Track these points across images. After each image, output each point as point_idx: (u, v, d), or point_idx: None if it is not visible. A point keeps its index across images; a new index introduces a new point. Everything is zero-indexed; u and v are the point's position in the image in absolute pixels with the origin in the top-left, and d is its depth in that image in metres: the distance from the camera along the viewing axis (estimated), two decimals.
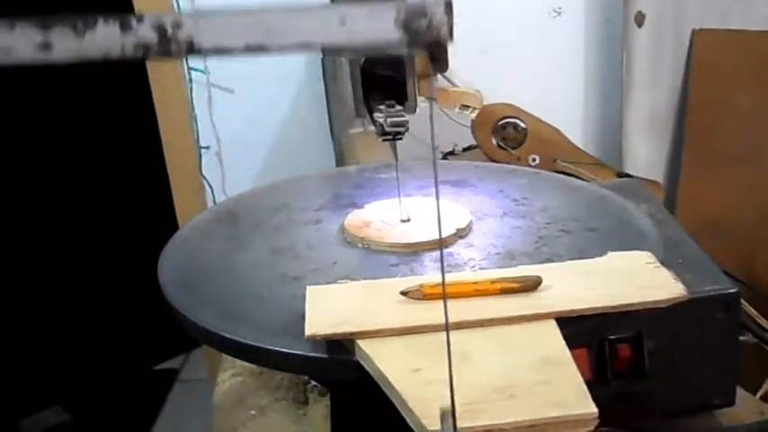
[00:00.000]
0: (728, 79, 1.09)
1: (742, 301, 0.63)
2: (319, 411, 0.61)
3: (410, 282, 0.37)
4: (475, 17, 1.18)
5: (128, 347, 1.59)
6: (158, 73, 1.19)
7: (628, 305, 0.35)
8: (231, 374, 0.69)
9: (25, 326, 1.49)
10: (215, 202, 1.22)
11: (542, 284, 0.36)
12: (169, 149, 1.24)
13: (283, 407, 0.63)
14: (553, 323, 0.33)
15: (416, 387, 0.28)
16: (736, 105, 1.07)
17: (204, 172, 1.25)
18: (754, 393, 0.68)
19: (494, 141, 0.89)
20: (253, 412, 0.63)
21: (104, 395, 1.53)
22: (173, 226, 1.15)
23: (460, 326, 0.32)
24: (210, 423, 0.62)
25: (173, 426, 1.46)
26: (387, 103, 0.48)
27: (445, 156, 0.97)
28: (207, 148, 1.24)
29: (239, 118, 1.21)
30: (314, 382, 0.60)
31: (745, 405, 0.57)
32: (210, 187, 1.26)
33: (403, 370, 0.29)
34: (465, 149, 0.96)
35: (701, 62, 1.11)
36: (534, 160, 0.88)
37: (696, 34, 1.11)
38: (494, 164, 0.81)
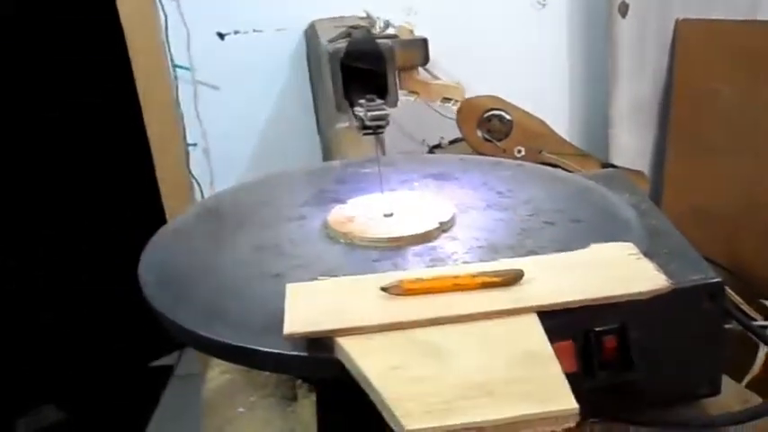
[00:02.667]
0: (712, 68, 1.09)
1: (727, 289, 0.63)
2: (307, 408, 0.61)
3: (390, 277, 0.37)
4: (459, 10, 1.17)
5: (122, 345, 1.58)
6: (143, 71, 1.17)
7: (610, 297, 0.35)
8: (219, 372, 0.68)
9: (19, 324, 1.48)
10: (203, 198, 1.21)
11: (524, 278, 0.36)
12: (156, 147, 1.23)
13: (272, 403, 0.63)
14: (534, 317, 0.33)
15: (395, 385, 0.28)
16: (720, 94, 1.07)
17: (192, 169, 1.24)
18: (740, 381, 0.68)
19: (479, 134, 0.89)
20: (241, 409, 0.63)
21: (100, 393, 1.53)
22: (161, 223, 1.13)
23: (439, 321, 0.32)
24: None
25: (169, 421, 1.46)
26: (367, 96, 0.48)
27: (432, 149, 0.97)
28: (194, 145, 1.23)
29: (226, 114, 1.20)
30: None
31: (731, 393, 0.57)
32: (198, 184, 1.25)
33: (382, 367, 0.29)
34: (451, 142, 0.96)
35: (685, 52, 1.11)
36: (520, 152, 0.88)
37: (679, 24, 1.12)
38: (478, 156, 0.81)
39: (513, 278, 0.35)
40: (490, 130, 0.88)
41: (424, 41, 0.78)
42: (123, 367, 1.56)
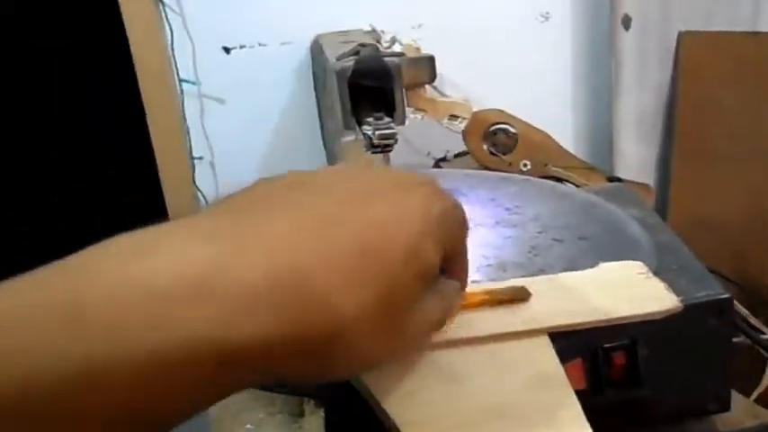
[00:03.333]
0: (715, 79, 1.09)
1: (735, 302, 0.63)
2: (315, 423, 0.61)
3: None
4: (463, 23, 1.18)
5: None
6: (149, 85, 1.18)
7: (621, 318, 0.35)
8: None
9: None
10: None
11: (533, 298, 0.36)
12: (162, 161, 1.24)
13: (279, 420, 0.63)
14: (546, 339, 0.33)
15: (408, 408, 0.28)
16: (723, 104, 1.07)
17: (198, 182, 1.25)
18: (748, 395, 0.68)
19: (485, 148, 0.89)
20: (249, 426, 0.63)
21: None
22: None
23: (448, 344, 0.32)
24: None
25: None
26: (375, 115, 0.48)
27: (437, 162, 0.97)
28: (200, 158, 1.23)
29: (231, 128, 1.21)
30: None
31: (740, 408, 0.57)
32: (204, 197, 1.25)
33: (394, 390, 0.29)
34: (457, 155, 0.96)
35: (688, 63, 1.12)
36: (525, 165, 0.88)
37: (682, 36, 1.12)
38: (485, 171, 0.81)
39: (521, 296, 0.35)
40: (496, 143, 0.88)
41: (431, 59, 0.78)
42: None
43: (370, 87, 0.49)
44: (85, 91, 1.44)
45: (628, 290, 0.37)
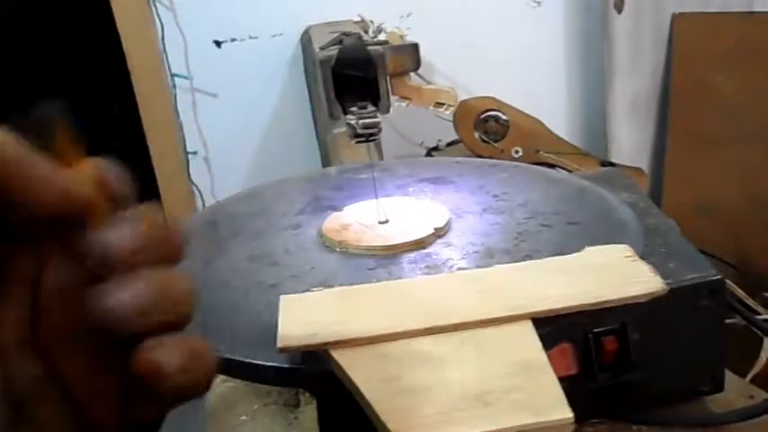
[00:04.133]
0: (710, 61, 1.09)
1: (730, 283, 0.63)
2: (310, 414, 0.61)
3: (382, 287, 0.37)
4: (454, 11, 1.17)
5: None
6: (142, 81, 1.18)
7: (605, 302, 0.35)
8: (222, 380, 0.69)
9: None
10: (204, 207, 1.22)
11: (518, 284, 0.36)
12: (156, 156, 1.23)
13: (274, 411, 0.63)
14: (529, 324, 0.33)
15: (389, 397, 0.28)
16: (718, 87, 1.07)
17: (192, 176, 1.24)
18: (744, 376, 0.68)
19: (476, 135, 0.88)
20: (244, 417, 0.63)
21: None
22: None
23: (434, 331, 0.32)
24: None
25: (172, 429, 1.46)
26: (359, 104, 0.48)
27: (429, 151, 0.97)
28: (194, 153, 1.23)
29: (225, 121, 1.21)
30: None
31: (735, 389, 0.57)
32: (199, 192, 1.25)
33: (375, 379, 0.29)
34: (449, 144, 0.96)
35: (682, 46, 1.11)
36: (517, 152, 0.87)
37: (676, 18, 1.11)
38: (475, 159, 0.81)
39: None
40: (487, 131, 0.88)
41: (415, 46, 0.78)
42: None
43: (353, 77, 0.49)
44: (78, 87, 1.44)
45: (613, 273, 0.37)
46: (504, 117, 0.88)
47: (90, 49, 1.38)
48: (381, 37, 0.83)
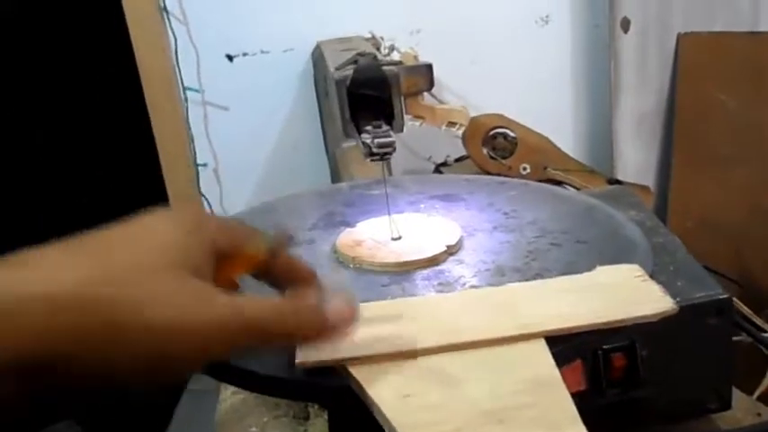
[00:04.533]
0: (714, 80, 1.10)
1: (736, 300, 0.63)
2: (320, 427, 0.62)
3: (398, 304, 0.38)
4: (463, 28, 1.19)
5: None
6: (154, 93, 1.20)
7: (616, 321, 0.35)
8: (232, 392, 0.69)
9: None
10: None
11: (531, 303, 0.36)
12: (167, 168, 1.25)
13: (284, 423, 0.64)
14: (542, 343, 0.33)
15: (407, 413, 0.29)
16: (723, 106, 1.08)
17: (202, 188, 1.26)
18: (751, 393, 0.68)
19: (485, 152, 0.89)
20: (254, 429, 0.64)
21: (114, 409, 1.53)
22: None
23: (445, 349, 0.32)
24: None
25: None
26: (374, 123, 0.49)
27: (438, 167, 0.98)
28: (204, 165, 1.25)
29: (235, 135, 1.22)
30: None
31: (742, 407, 0.57)
32: (209, 203, 1.26)
33: (393, 396, 0.30)
34: (457, 160, 0.97)
35: (687, 65, 1.12)
36: (525, 169, 0.88)
37: (681, 38, 1.13)
38: (484, 176, 0.82)
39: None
40: (495, 147, 0.89)
41: (429, 67, 0.79)
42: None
43: (368, 96, 0.50)
44: (91, 98, 1.46)
45: (624, 293, 0.38)
46: (512, 134, 0.89)
47: (104, 60, 1.40)
48: (395, 56, 0.84)
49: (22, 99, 1.22)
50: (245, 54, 1.19)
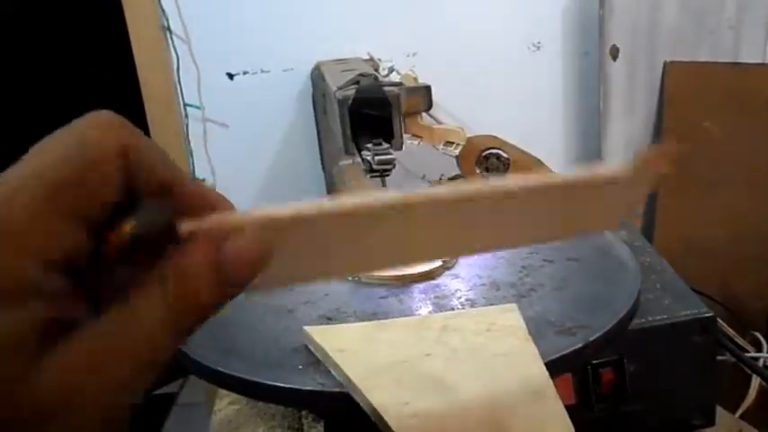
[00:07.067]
0: (700, 108, 1.13)
1: (720, 321, 0.65)
2: None
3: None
4: (457, 52, 1.23)
5: None
6: (155, 109, 1.21)
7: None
8: (227, 402, 0.70)
9: None
10: None
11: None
12: None
13: None
14: (536, 353, 0.35)
15: (406, 419, 0.30)
16: (708, 132, 1.11)
17: None
18: (734, 412, 0.70)
19: (478, 171, 0.92)
20: None
21: None
22: None
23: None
24: None
25: None
26: (374, 141, 0.51)
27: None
28: (203, 180, 1.26)
29: (234, 151, 1.24)
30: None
31: (725, 424, 0.59)
32: None
33: (392, 402, 0.31)
34: (451, 179, 0.99)
35: (674, 92, 1.16)
36: None
37: (668, 66, 1.17)
38: None
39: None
40: (489, 168, 0.91)
41: (428, 89, 0.82)
42: None
43: (370, 116, 0.52)
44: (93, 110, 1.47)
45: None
46: (504, 155, 0.92)
47: (106, 77, 1.42)
48: (393, 77, 0.87)
49: (23, 116, 1.23)
50: (245, 72, 1.22)
